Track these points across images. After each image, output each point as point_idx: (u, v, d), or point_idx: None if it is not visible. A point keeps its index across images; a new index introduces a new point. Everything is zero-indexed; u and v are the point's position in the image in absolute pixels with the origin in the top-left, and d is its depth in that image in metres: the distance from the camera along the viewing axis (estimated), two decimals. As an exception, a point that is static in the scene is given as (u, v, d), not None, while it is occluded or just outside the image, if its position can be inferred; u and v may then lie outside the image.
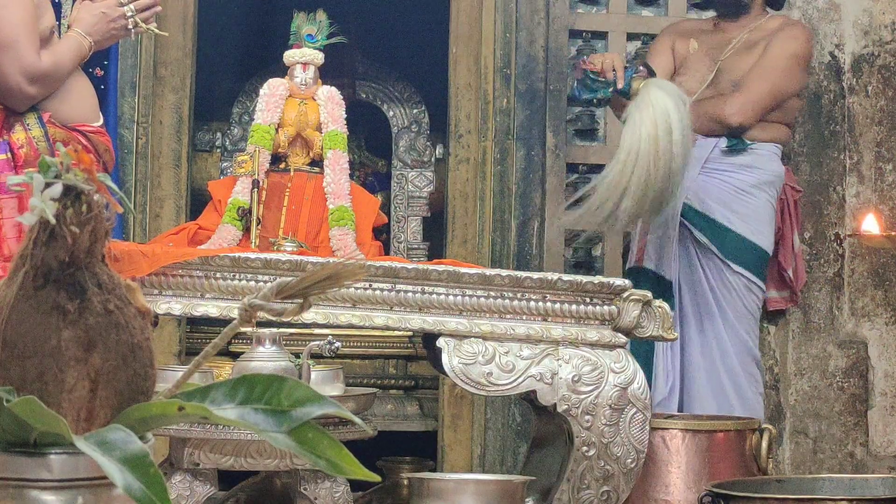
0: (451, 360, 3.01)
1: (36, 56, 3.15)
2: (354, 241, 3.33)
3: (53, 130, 3.21)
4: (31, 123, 3.20)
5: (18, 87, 3.15)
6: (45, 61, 3.17)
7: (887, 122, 4.69)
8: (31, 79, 3.15)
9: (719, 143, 4.08)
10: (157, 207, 4.65)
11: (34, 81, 3.16)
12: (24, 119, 3.20)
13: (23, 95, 3.17)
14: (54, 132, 3.21)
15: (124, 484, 1.20)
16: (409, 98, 6.78)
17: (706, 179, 4.05)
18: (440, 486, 2.92)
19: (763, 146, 4.10)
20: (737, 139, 4.07)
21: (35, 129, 3.19)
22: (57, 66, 3.21)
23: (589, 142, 4.74)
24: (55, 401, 1.30)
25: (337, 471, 1.29)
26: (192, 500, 2.94)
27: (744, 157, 4.08)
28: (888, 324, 4.63)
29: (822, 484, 3.11)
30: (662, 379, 3.95)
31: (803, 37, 4.22)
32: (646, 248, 4.04)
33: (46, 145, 3.17)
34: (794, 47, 4.15)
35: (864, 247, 4.57)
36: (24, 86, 3.15)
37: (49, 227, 1.31)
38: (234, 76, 6.76)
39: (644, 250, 4.04)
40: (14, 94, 3.17)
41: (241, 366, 3.03)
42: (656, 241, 4.02)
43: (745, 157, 4.08)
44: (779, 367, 4.62)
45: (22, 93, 3.17)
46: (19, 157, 3.15)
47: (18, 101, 3.19)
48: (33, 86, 3.17)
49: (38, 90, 3.19)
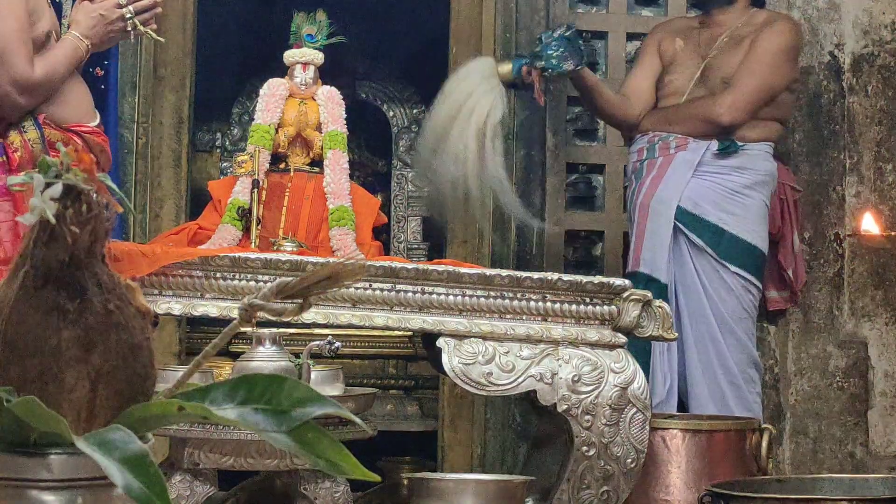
0: (451, 360, 3.01)
1: (28, 66, 3.11)
2: (354, 241, 3.32)
3: (49, 132, 3.19)
4: (27, 125, 3.17)
5: (8, 96, 3.11)
6: (37, 72, 3.13)
7: (887, 122, 4.69)
8: (21, 89, 3.11)
9: (711, 146, 4.06)
10: (157, 207, 4.65)
11: (24, 92, 3.12)
12: (19, 121, 3.18)
13: (13, 105, 3.14)
14: (50, 134, 3.18)
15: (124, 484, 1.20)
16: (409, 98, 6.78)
17: (699, 182, 4.05)
18: (440, 486, 2.92)
19: (754, 146, 4.09)
20: (728, 141, 4.06)
21: (31, 132, 3.17)
22: (50, 75, 3.17)
23: (589, 142, 4.74)
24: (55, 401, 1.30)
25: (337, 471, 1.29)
26: (192, 500, 2.94)
27: (736, 159, 4.07)
28: (888, 324, 4.63)
29: (822, 484, 3.11)
30: (660, 381, 3.95)
31: (790, 30, 4.19)
32: (641, 253, 4.04)
33: (42, 147, 3.15)
34: (781, 41, 4.12)
35: (864, 247, 4.57)
36: (14, 96, 3.12)
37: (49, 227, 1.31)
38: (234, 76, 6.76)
39: (640, 255, 4.05)
40: (3, 104, 3.13)
41: (241, 366, 3.03)
42: (651, 245, 4.02)
43: (737, 159, 4.07)
44: (779, 367, 4.62)
45: (12, 103, 3.13)
46: (14, 161, 3.13)
47: (9, 110, 3.15)
48: (23, 96, 3.13)
49: (29, 100, 3.15)
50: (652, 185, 4.05)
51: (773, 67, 4.08)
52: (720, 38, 4.17)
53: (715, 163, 4.06)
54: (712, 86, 4.12)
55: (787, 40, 4.14)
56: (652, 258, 4.01)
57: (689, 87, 4.14)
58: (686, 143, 4.06)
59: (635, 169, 4.15)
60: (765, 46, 4.09)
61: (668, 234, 4.00)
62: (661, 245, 4.01)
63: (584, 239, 4.70)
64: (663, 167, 4.06)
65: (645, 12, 4.77)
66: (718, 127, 4.05)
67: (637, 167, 4.13)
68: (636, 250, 4.07)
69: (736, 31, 4.17)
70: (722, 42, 4.16)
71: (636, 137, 4.20)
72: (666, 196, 4.02)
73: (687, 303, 4.01)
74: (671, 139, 4.09)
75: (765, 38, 4.10)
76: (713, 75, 4.13)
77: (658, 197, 4.02)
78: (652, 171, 4.08)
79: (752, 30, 4.15)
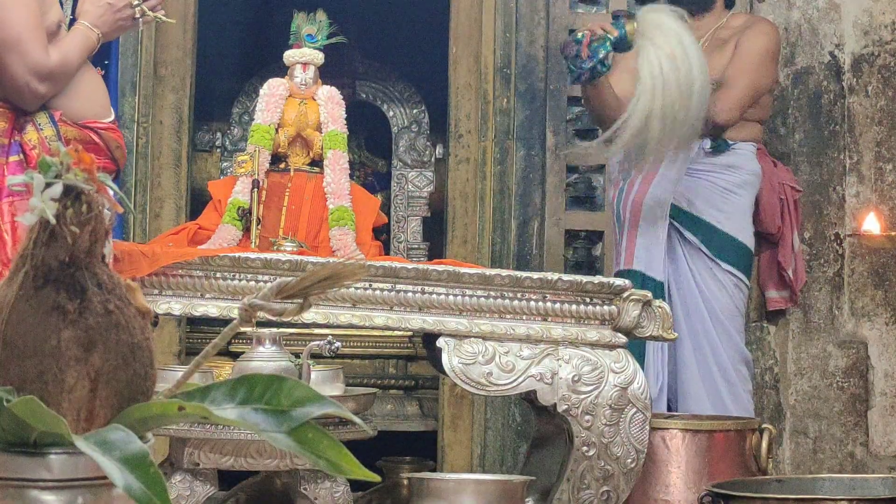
0: (451, 360, 3.01)
1: (44, 53, 3.11)
2: (354, 241, 3.32)
3: (65, 129, 3.18)
4: (43, 123, 3.17)
5: (28, 85, 3.11)
6: (53, 58, 3.13)
7: (887, 122, 4.69)
8: (40, 77, 3.11)
9: (703, 145, 4.09)
10: (157, 207, 4.65)
11: (44, 79, 3.12)
12: (35, 119, 3.17)
13: (33, 94, 3.14)
14: (66, 130, 3.18)
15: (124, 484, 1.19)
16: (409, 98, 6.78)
17: (692, 181, 4.08)
18: (440, 486, 2.92)
19: (743, 145, 4.14)
20: (720, 140, 4.10)
21: (47, 129, 3.16)
22: (65, 61, 3.17)
23: (589, 142, 4.73)
24: (55, 401, 1.30)
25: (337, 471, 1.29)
26: (192, 500, 2.94)
27: (726, 157, 4.11)
28: (888, 324, 4.63)
29: (822, 484, 3.11)
30: (652, 379, 3.95)
31: (773, 32, 4.26)
32: (635, 251, 4.05)
33: (59, 145, 3.14)
34: (765, 42, 4.17)
35: (864, 247, 4.57)
36: (33, 84, 3.11)
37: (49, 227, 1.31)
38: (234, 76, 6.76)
39: (633, 253, 4.05)
40: (24, 94, 3.13)
41: (241, 366, 3.03)
42: (645, 243, 4.03)
43: (728, 157, 4.11)
44: (779, 367, 4.62)
45: (32, 92, 3.13)
46: (32, 159, 3.11)
47: (29, 100, 3.15)
48: (43, 84, 3.13)
49: (49, 88, 3.15)
50: (644, 183, 4.06)
51: (760, 68, 4.14)
52: (700, 41, 4.20)
53: (707, 161, 4.10)
54: None
55: (771, 42, 4.20)
56: (647, 256, 4.02)
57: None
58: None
59: (623, 168, 4.15)
60: (750, 48, 4.14)
61: (664, 231, 4.02)
62: (657, 243, 4.02)
63: (584, 239, 4.70)
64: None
65: (645, 12, 4.77)
66: (713, 126, 4.07)
67: (626, 166, 4.14)
68: (628, 248, 4.07)
69: (716, 35, 4.22)
70: (703, 45, 4.18)
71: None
72: (660, 194, 4.03)
73: (681, 300, 4.03)
74: None
75: (749, 40, 4.15)
76: None
77: (652, 195, 4.04)
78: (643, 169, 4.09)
79: (732, 32, 4.21)
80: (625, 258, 4.08)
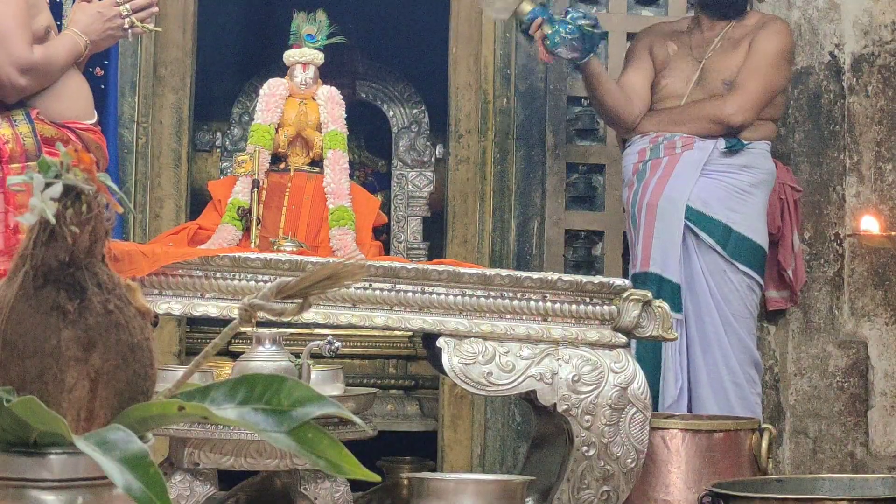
0: (451, 360, 3.01)
1: (27, 48, 3.17)
2: (354, 241, 3.33)
3: (42, 127, 3.23)
4: (19, 119, 3.22)
5: (8, 78, 3.17)
6: (36, 53, 3.19)
7: (887, 122, 4.69)
8: (21, 70, 3.17)
9: (718, 145, 4.08)
10: (157, 207, 4.65)
11: (25, 73, 3.18)
12: (11, 115, 3.22)
13: (13, 87, 3.19)
14: (43, 129, 3.23)
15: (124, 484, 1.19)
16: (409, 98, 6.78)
17: (707, 181, 4.06)
18: (440, 486, 2.92)
19: (758, 145, 4.13)
20: (735, 139, 4.09)
21: (22, 126, 3.21)
22: (48, 60, 3.22)
23: (589, 142, 4.74)
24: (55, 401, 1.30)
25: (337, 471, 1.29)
26: (192, 500, 2.94)
27: (741, 157, 4.09)
28: (888, 324, 4.63)
29: (822, 484, 3.11)
30: (672, 382, 3.94)
31: (786, 31, 4.26)
32: (651, 253, 4.03)
33: (34, 141, 3.19)
34: (779, 42, 4.17)
35: (864, 247, 4.57)
36: (14, 77, 3.17)
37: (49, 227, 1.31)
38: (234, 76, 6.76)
39: (650, 255, 4.04)
40: (4, 86, 3.19)
41: (241, 366, 3.03)
42: (661, 245, 4.02)
43: (743, 157, 4.09)
44: (779, 367, 4.61)
45: (12, 84, 3.19)
46: (4, 153, 3.17)
47: (8, 92, 3.21)
48: (24, 77, 3.19)
49: (29, 82, 3.20)
50: (659, 185, 4.05)
51: (775, 68, 4.14)
52: (714, 40, 4.19)
53: (722, 161, 4.08)
54: (712, 88, 4.15)
55: (784, 41, 4.20)
56: (663, 258, 4.01)
57: (687, 90, 4.16)
58: (692, 143, 4.07)
59: (637, 170, 4.14)
60: (765, 48, 4.13)
61: (679, 233, 4.00)
62: (673, 244, 4.01)
63: (584, 239, 4.69)
64: (669, 167, 4.07)
65: (645, 12, 4.77)
66: (728, 127, 4.07)
67: (639, 168, 4.13)
68: (644, 250, 4.06)
69: (729, 34, 4.21)
70: (717, 45, 4.18)
71: (634, 139, 4.20)
72: (675, 195, 4.02)
73: (693, 302, 4.01)
74: (677, 139, 4.09)
75: (763, 39, 4.14)
76: (712, 77, 4.15)
77: (667, 196, 4.02)
78: (657, 171, 4.08)
79: (745, 32, 4.19)
80: (641, 260, 4.07)
